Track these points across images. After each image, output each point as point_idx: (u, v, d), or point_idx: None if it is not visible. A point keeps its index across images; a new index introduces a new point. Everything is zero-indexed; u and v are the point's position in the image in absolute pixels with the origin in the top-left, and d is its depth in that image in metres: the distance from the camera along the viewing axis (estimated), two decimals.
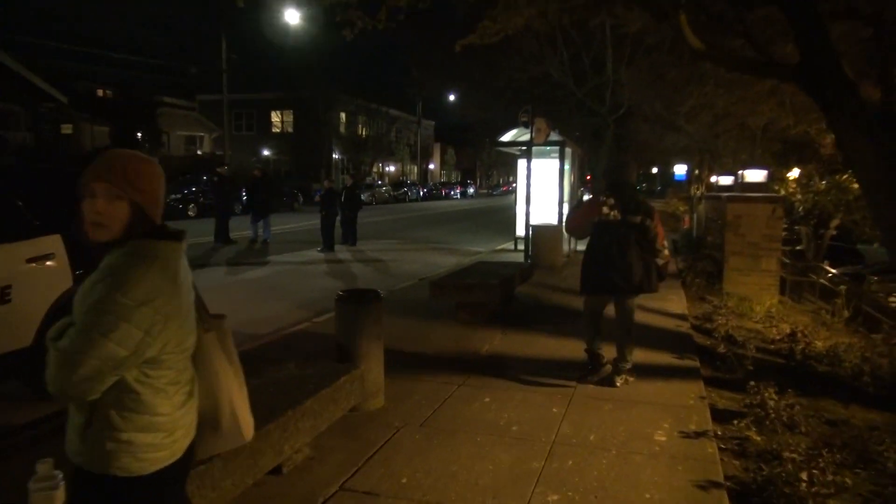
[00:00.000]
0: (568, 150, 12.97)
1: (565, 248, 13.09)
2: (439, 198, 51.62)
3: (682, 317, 7.75)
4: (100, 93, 44.41)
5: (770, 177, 11.82)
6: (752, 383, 4.85)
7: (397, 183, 51.16)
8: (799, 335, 6.73)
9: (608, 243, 4.90)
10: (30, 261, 4.47)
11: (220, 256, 12.87)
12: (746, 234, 9.99)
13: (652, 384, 5.12)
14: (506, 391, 4.92)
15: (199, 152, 45.28)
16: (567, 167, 13.14)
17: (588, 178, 35.76)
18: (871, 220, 10.48)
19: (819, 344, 6.74)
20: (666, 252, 5.13)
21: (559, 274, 11.02)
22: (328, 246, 13.76)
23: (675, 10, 5.12)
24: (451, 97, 43.77)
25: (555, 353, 6.07)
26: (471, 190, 60.92)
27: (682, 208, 26.22)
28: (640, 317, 7.64)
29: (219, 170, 14.86)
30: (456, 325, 7.08)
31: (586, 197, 11.43)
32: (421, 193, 49.36)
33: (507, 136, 12.96)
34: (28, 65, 32.20)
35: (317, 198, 14.11)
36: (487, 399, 4.74)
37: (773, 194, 11.02)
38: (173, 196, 24.95)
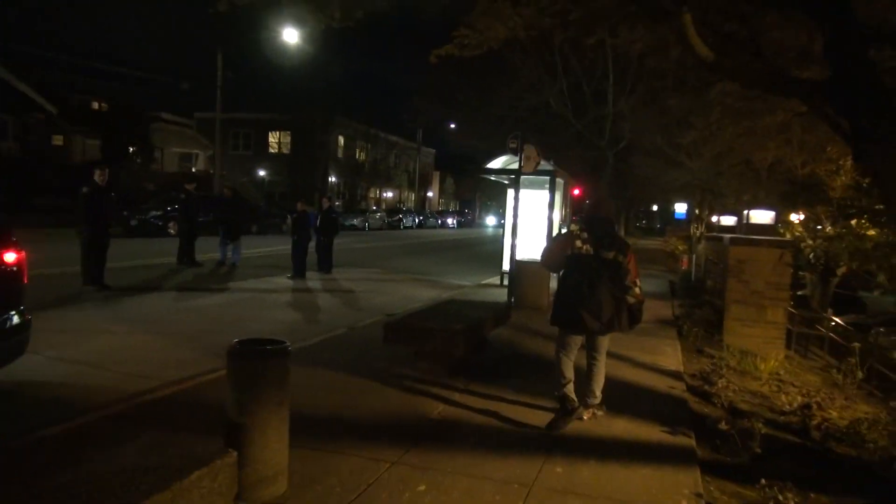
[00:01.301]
0: (559, 182, 12.04)
1: (553, 285, 12.09)
2: (435, 226, 50.75)
3: (676, 375, 6.71)
4: (95, 106, 43.78)
5: (777, 219, 10.87)
6: (764, 481, 3.81)
7: (393, 210, 50.31)
8: (814, 406, 5.69)
9: (579, 279, 4.79)
10: None
11: (177, 279, 11.85)
12: (750, 280, 9.00)
13: (635, 471, 4.07)
14: (449, 475, 3.87)
15: (193, 170, 44.52)
16: (558, 199, 12.19)
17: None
18: (888, 268, 9.52)
19: (835, 414, 5.74)
20: (637, 290, 4.89)
21: (543, 315, 9.97)
22: (299, 273, 12.76)
23: (677, 9, 4.20)
24: (452, 125, 43.17)
25: (521, 416, 5.02)
26: (450, 220, 58.35)
27: (680, 247, 25.26)
28: (627, 373, 6.64)
29: (187, 186, 13.89)
30: (411, 376, 6.03)
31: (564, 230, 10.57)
32: (416, 221, 48.47)
33: (495, 163, 12.02)
34: (21, 75, 31.59)
35: (288, 221, 13.09)
36: (422, 487, 3.69)
37: (781, 238, 10.07)
38: (154, 213, 23.99)
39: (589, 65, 20.41)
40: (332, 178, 49.72)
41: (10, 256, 4.54)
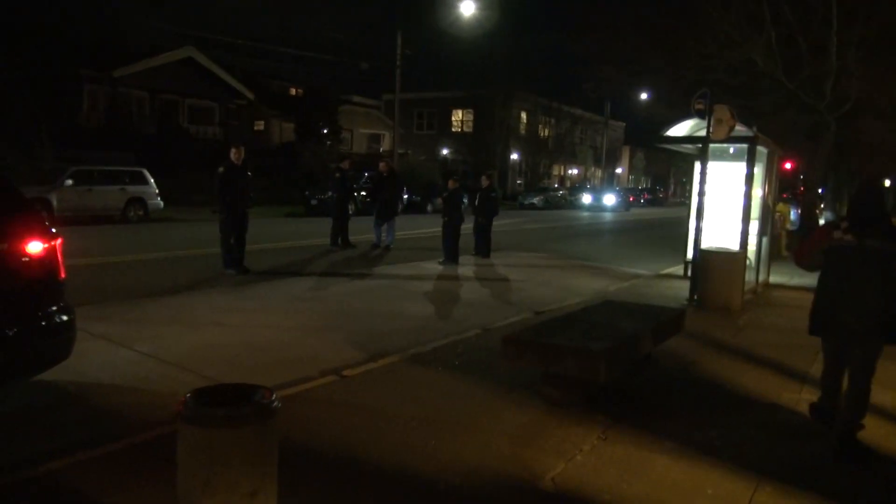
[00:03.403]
0: (762, 151, 9.66)
1: (751, 278, 9.81)
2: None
3: None
4: (292, 91, 46.54)
5: None
6: None
7: (573, 187, 48.07)
8: None
9: (840, 275, 4.08)
10: None
11: (321, 263, 11.31)
12: None
13: None
14: None
15: (381, 150, 45.85)
16: (759, 173, 9.81)
17: (801, 190, 30.07)
18: None
19: None
20: None
21: (734, 322, 7.93)
22: (450, 257, 11.67)
23: None
24: (643, 96, 39.89)
25: (682, 491, 3.38)
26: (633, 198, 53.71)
27: None
28: (880, 430, 4.61)
29: (341, 164, 13.41)
30: (535, 406, 4.59)
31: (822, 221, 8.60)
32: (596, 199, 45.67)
33: (677, 129, 9.88)
34: (225, 65, 34.15)
35: (439, 200, 12.05)
36: None
37: None
38: (331, 193, 24.43)
39: (805, 11, 16.94)
40: (515, 156, 48.57)
41: (35, 247, 3.80)
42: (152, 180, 18.28)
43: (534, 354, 4.60)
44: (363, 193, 22.16)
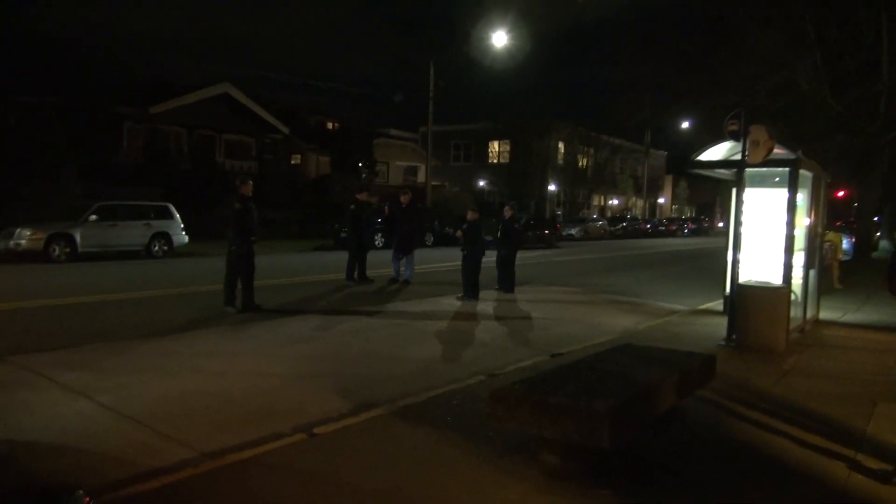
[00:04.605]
0: (805, 175, 8.77)
1: (797, 315, 8.86)
2: (665, 234, 46.26)
3: None
4: (329, 125, 46.95)
5: None
6: None
7: (614, 217, 47.00)
8: None
9: None
10: None
11: (332, 299, 10.75)
12: None
13: None
14: None
15: (417, 181, 45.70)
16: (804, 199, 8.93)
17: (852, 219, 28.50)
18: None
19: None
20: None
21: (778, 366, 7.03)
22: (470, 293, 10.98)
23: None
24: (684, 124, 38.81)
25: None
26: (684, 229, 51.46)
27: None
28: None
29: (357, 196, 12.92)
30: (528, 477, 3.85)
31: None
32: (634, 228, 44.45)
33: (709, 154, 9.07)
34: (261, 100, 34.53)
35: (458, 232, 11.41)
36: None
37: None
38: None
39: (853, 29, 16.00)
40: (553, 186, 47.82)
41: None
42: (177, 215, 18.14)
43: (526, 415, 3.88)
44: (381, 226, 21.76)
